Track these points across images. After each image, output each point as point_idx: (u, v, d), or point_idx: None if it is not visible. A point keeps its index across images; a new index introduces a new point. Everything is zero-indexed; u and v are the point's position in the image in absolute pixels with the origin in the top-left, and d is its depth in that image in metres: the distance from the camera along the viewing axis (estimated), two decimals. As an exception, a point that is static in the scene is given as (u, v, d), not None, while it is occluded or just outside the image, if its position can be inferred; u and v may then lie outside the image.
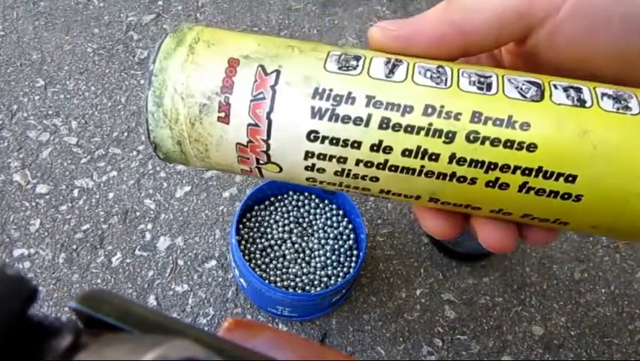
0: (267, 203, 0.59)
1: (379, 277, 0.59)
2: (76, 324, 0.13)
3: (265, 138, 0.19)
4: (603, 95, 0.18)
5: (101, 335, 0.13)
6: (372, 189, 0.20)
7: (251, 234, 0.57)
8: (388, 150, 0.18)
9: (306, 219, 0.59)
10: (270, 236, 0.57)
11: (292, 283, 0.54)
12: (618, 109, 0.17)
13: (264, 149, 0.19)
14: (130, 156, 0.67)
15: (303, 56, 0.19)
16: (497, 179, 0.18)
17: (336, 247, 0.57)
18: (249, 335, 0.26)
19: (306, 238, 0.58)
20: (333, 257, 0.56)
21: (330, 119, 0.18)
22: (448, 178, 0.18)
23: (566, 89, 0.18)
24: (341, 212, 0.59)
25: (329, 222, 0.58)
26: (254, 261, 0.55)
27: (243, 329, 0.27)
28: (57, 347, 0.12)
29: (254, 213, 0.59)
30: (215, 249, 0.60)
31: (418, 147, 0.18)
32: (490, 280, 0.60)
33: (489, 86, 0.18)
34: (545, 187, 0.18)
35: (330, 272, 0.55)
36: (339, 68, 0.19)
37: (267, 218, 0.58)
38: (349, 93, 0.18)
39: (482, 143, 0.17)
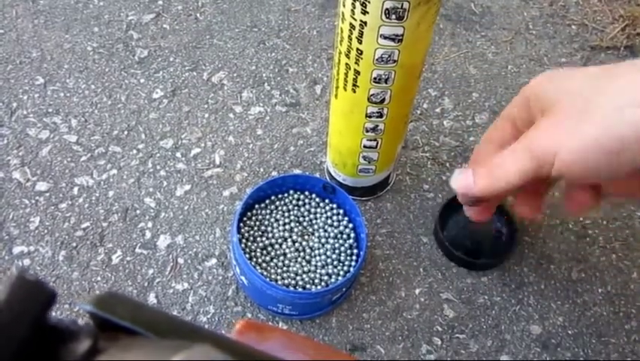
0: (267, 202, 0.60)
1: (379, 276, 0.60)
2: (94, 328, 0.13)
3: None
4: None
5: (117, 339, 0.13)
6: None
7: (251, 232, 0.57)
8: None
9: (307, 218, 0.59)
10: (270, 235, 0.57)
11: (293, 282, 0.55)
12: None
13: None
14: (130, 155, 0.67)
15: None
16: None
17: (336, 245, 0.57)
18: (261, 337, 0.26)
19: (306, 237, 0.58)
20: (334, 256, 0.56)
21: None
22: None
23: None
24: (341, 211, 0.59)
25: (329, 222, 0.59)
26: (255, 259, 0.56)
27: (254, 331, 0.27)
28: (75, 351, 0.12)
29: (254, 211, 0.59)
30: (215, 247, 0.60)
31: None
32: (488, 279, 0.60)
33: None
34: None
35: (330, 271, 0.55)
36: None
37: (267, 217, 0.59)
38: None
39: None
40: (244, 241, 0.56)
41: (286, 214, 0.59)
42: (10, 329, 0.12)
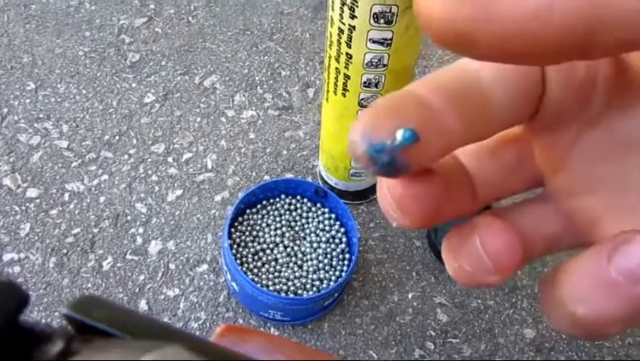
0: (258, 207, 0.59)
1: (371, 280, 0.59)
2: (68, 330, 0.13)
3: None
4: None
5: (92, 341, 0.13)
6: None
7: (243, 237, 0.57)
8: None
9: (298, 223, 0.59)
10: (262, 240, 0.57)
11: (284, 287, 0.54)
12: None
13: None
14: (121, 160, 0.66)
15: None
16: None
17: (328, 250, 0.57)
18: (241, 340, 0.26)
19: (298, 242, 0.58)
20: (325, 261, 0.56)
21: None
22: None
23: None
24: (333, 215, 0.59)
25: (321, 226, 0.58)
26: (246, 265, 0.55)
27: (234, 334, 0.27)
28: (48, 353, 0.12)
29: (246, 216, 0.58)
30: (206, 253, 0.60)
31: None
32: (481, 283, 0.60)
33: None
34: None
35: (322, 276, 0.55)
36: None
37: (258, 222, 0.58)
38: None
39: None
40: (235, 246, 0.56)
41: (278, 219, 0.59)
42: None
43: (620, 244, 0.11)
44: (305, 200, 0.60)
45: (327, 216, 0.59)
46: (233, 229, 0.57)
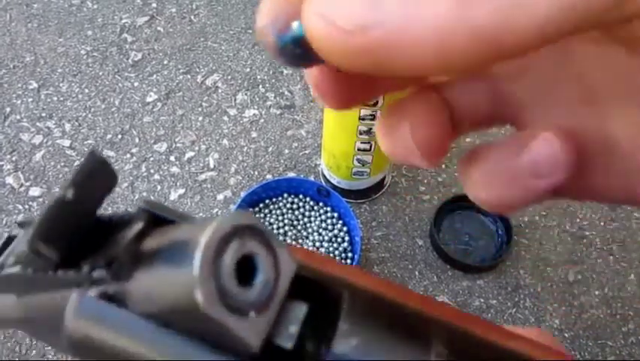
0: (261, 206, 0.59)
1: (374, 279, 0.59)
2: (147, 213, 0.14)
3: None
4: None
5: (163, 226, 0.14)
6: None
7: (245, 237, 0.57)
8: None
9: (301, 222, 0.59)
10: (264, 239, 0.57)
11: (286, 286, 0.54)
12: None
13: None
14: (124, 159, 0.66)
15: None
16: None
17: (330, 249, 0.57)
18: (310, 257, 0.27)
19: (300, 241, 0.58)
20: (328, 260, 0.56)
21: None
22: None
23: None
24: (335, 214, 0.59)
25: (323, 225, 0.58)
26: (248, 264, 0.55)
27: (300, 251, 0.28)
28: (128, 234, 0.14)
29: (248, 215, 0.58)
30: (209, 252, 0.60)
31: None
32: (484, 282, 0.60)
33: None
34: None
35: (324, 275, 0.55)
36: None
37: (261, 220, 0.58)
38: None
39: None
40: (238, 245, 0.56)
41: (280, 218, 0.59)
42: (82, 205, 0.14)
43: (529, 139, 0.12)
44: (307, 199, 0.60)
45: (329, 215, 0.59)
46: (235, 228, 0.57)
